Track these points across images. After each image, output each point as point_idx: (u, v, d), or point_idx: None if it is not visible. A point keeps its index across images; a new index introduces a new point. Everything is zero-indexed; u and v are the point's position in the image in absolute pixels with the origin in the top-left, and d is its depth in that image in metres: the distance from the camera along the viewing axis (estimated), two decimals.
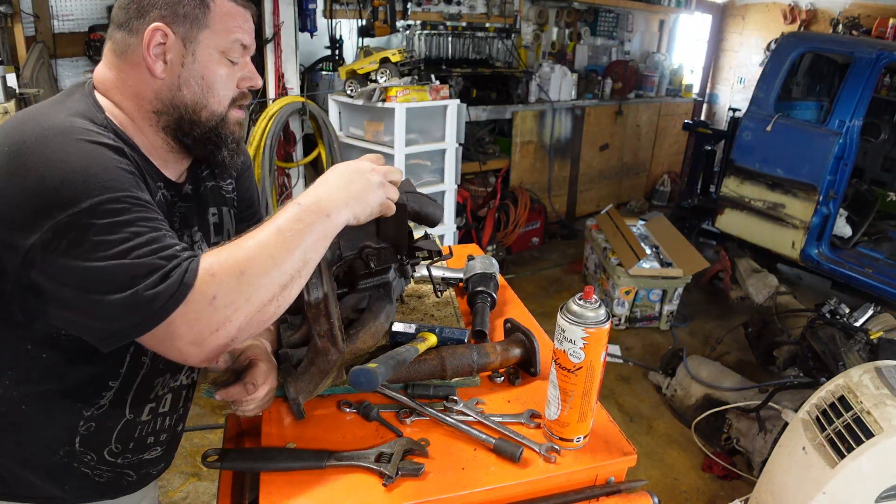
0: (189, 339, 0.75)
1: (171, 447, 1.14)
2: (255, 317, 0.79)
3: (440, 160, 3.75)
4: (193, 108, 0.92)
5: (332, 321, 0.93)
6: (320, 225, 0.84)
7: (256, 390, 0.92)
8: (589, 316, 0.84)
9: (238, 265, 0.77)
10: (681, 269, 3.77)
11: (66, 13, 3.15)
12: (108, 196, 0.75)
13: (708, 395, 2.88)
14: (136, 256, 0.74)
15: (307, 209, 0.84)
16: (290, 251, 0.81)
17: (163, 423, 1.06)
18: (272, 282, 0.79)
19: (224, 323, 0.76)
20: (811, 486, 1.67)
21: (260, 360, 0.95)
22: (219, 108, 0.94)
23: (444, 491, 0.83)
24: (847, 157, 3.70)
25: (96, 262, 0.72)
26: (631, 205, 6.44)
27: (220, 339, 0.76)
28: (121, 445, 1.01)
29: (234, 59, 0.94)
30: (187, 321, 0.74)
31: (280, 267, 0.80)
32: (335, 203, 0.87)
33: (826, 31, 5.90)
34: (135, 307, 0.72)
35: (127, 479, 1.06)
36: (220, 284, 0.76)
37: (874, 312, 2.83)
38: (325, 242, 0.86)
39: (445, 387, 1.03)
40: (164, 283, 0.73)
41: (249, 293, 0.77)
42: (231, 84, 0.95)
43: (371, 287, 1.10)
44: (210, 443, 2.60)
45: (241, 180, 1.17)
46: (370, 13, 3.97)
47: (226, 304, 0.76)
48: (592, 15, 6.10)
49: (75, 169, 0.76)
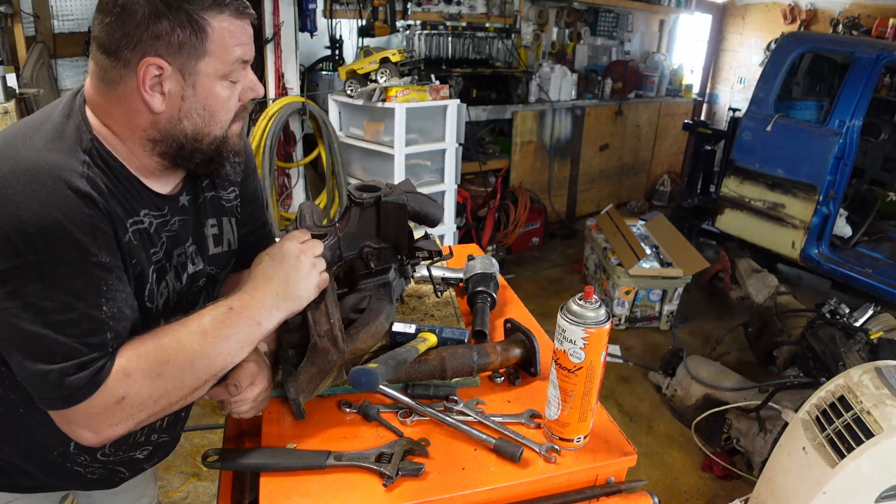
0: (86, 427, 0.78)
1: (166, 446, 1.13)
2: (159, 413, 0.81)
3: (440, 160, 3.75)
4: (195, 138, 0.87)
5: (332, 321, 0.93)
6: (248, 332, 0.85)
7: (241, 392, 0.91)
8: (589, 316, 0.84)
9: (155, 367, 0.78)
10: (681, 269, 3.77)
11: (66, 13, 3.15)
12: (55, 257, 0.74)
13: (708, 395, 2.88)
14: (62, 333, 0.75)
15: (237, 314, 0.84)
16: (211, 357, 0.82)
17: (155, 426, 1.05)
18: (185, 386, 0.81)
19: (126, 420, 0.78)
20: (811, 486, 1.67)
21: (247, 361, 0.93)
22: (220, 133, 0.90)
23: (445, 491, 0.83)
24: (847, 157, 3.69)
25: (24, 324, 0.74)
26: (631, 205, 6.44)
27: (117, 431, 0.79)
28: (114, 447, 1.01)
29: (235, 80, 0.88)
30: (89, 414, 0.76)
31: (196, 371, 0.81)
32: (266, 308, 0.87)
33: (826, 31, 5.90)
34: (44, 383, 0.75)
35: (119, 476, 1.08)
36: (131, 385, 0.77)
37: (874, 312, 2.83)
38: (251, 346, 0.87)
39: (445, 387, 1.03)
40: (77, 373, 0.74)
41: (159, 396, 0.79)
42: (233, 104, 0.90)
43: (371, 287, 1.10)
44: (210, 443, 2.60)
45: (245, 184, 1.13)
46: (370, 13, 3.97)
47: (133, 404, 0.78)
48: (592, 15, 6.10)
49: (29, 220, 0.72)
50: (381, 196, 1.07)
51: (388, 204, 1.07)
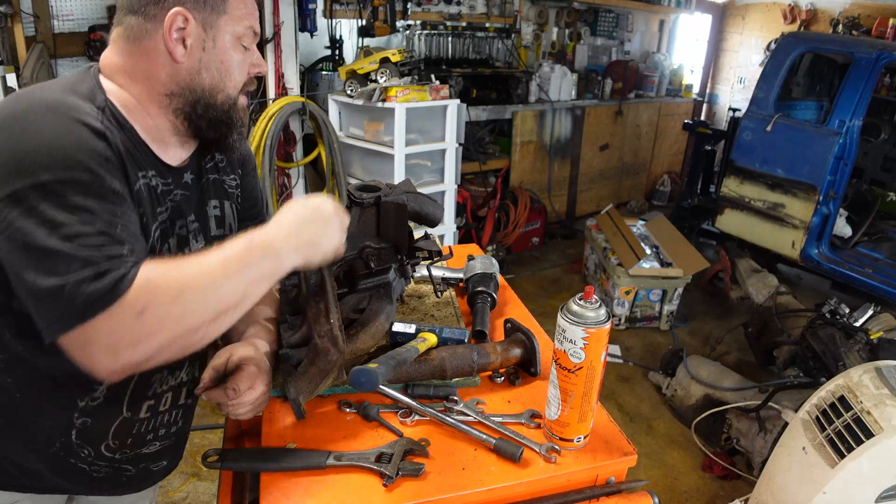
0: (104, 346, 0.72)
1: (174, 445, 1.13)
2: (179, 340, 0.76)
3: (440, 160, 3.75)
4: (211, 92, 0.93)
5: (333, 321, 0.93)
6: (266, 265, 0.83)
7: (239, 395, 0.90)
8: (589, 316, 0.84)
9: (178, 282, 0.76)
10: (681, 269, 3.77)
11: (66, 13, 3.15)
12: (70, 175, 0.74)
13: (708, 395, 2.88)
14: (80, 245, 0.72)
15: (257, 246, 0.83)
16: (231, 284, 0.79)
17: (163, 420, 1.05)
18: (206, 308, 0.77)
19: (145, 338, 0.73)
20: (811, 486, 1.67)
21: (246, 365, 0.93)
22: (234, 92, 0.96)
23: (445, 491, 0.83)
24: (847, 157, 3.69)
25: (38, 240, 0.71)
26: (631, 205, 6.44)
27: (135, 354, 0.73)
28: (118, 441, 1.00)
29: (247, 46, 0.96)
30: (108, 330, 0.71)
31: (217, 295, 0.78)
32: (287, 247, 0.85)
33: (826, 31, 5.90)
34: (59, 298, 0.70)
35: (126, 474, 1.06)
36: (153, 297, 0.73)
37: (874, 312, 2.83)
38: (269, 282, 0.85)
39: (445, 387, 1.03)
40: (95, 282, 0.71)
41: (181, 313, 0.75)
42: (244, 69, 0.97)
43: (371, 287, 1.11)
44: (210, 443, 2.60)
45: (245, 179, 1.16)
46: (370, 13, 3.97)
47: (154, 319, 0.73)
48: (592, 15, 6.10)
49: (45, 142, 0.75)
50: (381, 196, 1.07)
51: (388, 204, 1.07)
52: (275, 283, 0.86)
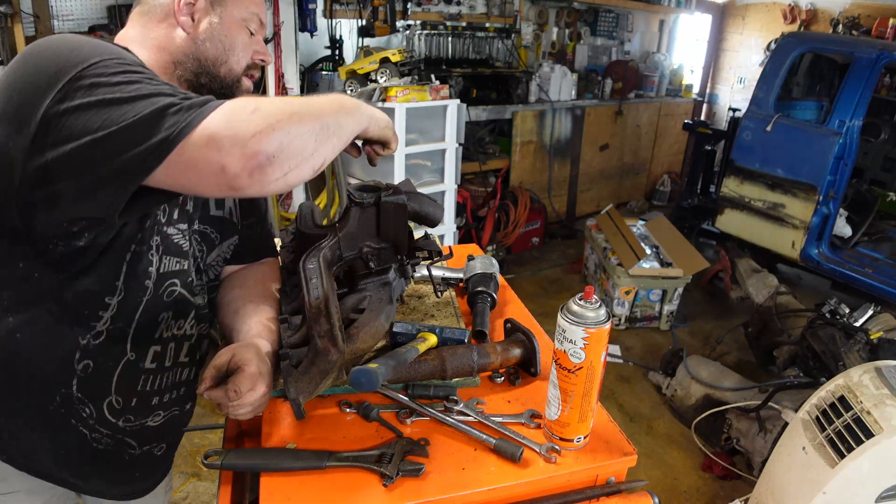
0: (229, 138, 0.71)
1: (174, 424, 1.10)
2: (295, 143, 0.76)
3: (440, 160, 3.75)
4: (214, 63, 0.99)
5: (333, 321, 0.92)
6: (353, 111, 0.89)
7: (240, 397, 0.89)
8: (589, 316, 0.84)
9: (279, 98, 0.85)
10: (681, 269, 3.77)
11: (66, 13, 3.15)
12: (118, 58, 0.79)
13: (708, 395, 2.88)
14: (158, 88, 0.76)
15: (338, 96, 0.89)
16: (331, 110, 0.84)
17: (167, 381, 1.04)
18: (311, 120, 0.79)
19: (266, 129, 0.73)
20: (811, 486, 1.67)
21: (247, 366, 0.92)
22: (236, 68, 1.02)
23: (445, 491, 0.83)
24: (847, 157, 3.69)
25: (105, 95, 0.73)
26: (631, 205, 6.44)
27: (261, 144, 0.72)
28: (122, 399, 0.98)
29: (252, 30, 1.03)
30: (228, 120, 0.72)
31: (321, 113, 0.82)
32: (359, 104, 0.92)
33: (826, 31, 5.90)
34: (166, 110, 0.72)
35: (129, 450, 1.03)
36: (261, 102, 0.76)
37: (874, 312, 2.83)
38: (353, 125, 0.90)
39: (445, 387, 1.02)
40: (187, 99, 0.74)
41: (290, 116, 0.76)
42: (248, 52, 1.03)
43: (371, 287, 1.10)
44: (210, 443, 2.60)
45: None
46: (370, 13, 3.97)
47: (268, 114, 0.74)
48: (592, 15, 6.10)
49: (84, 43, 0.81)
50: (381, 196, 1.07)
51: (388, 204, 1.07)
52: (357, 129, 0.91)
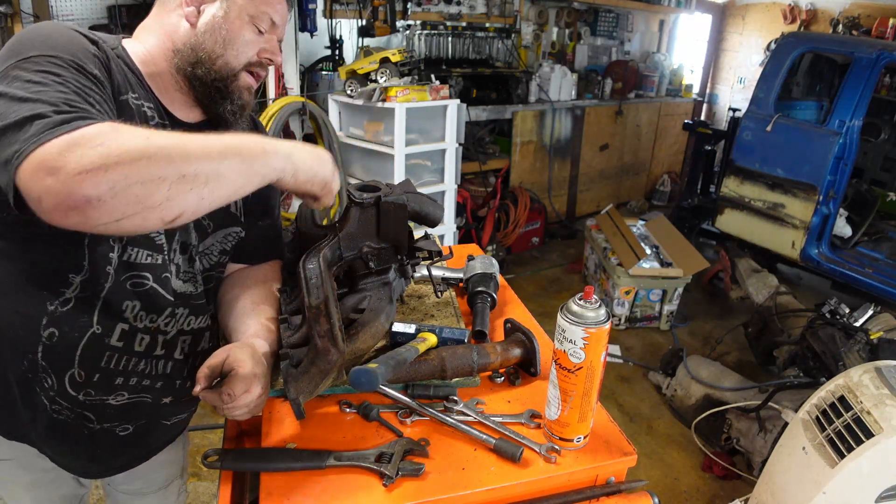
0: (53, 170, 0.67)
1: (143, 410, 1.06)
2: (134, 190, 0.69)
3: (440, 160, 3.75)
4: (210, 56, 0.99)
5: (333, 321, 0.92)
6: (250, 150, 0.82)
7: (234, 400, 0.88)
8: (589, 316, 0.84)
9: (146, 135, 0.73)
10: (681, 269, 3.77)
11: (66, 13, 3.15)
12: (53, 54, 0.81)
13: (708, 395, 2.88)
14: (49, 96, 0.76)
15: (248, 137, 0.86)
16: (206, 154, 0.76)
17: (138, 366, 1.01)
18: (169, 165, 0.72)
19: (97, 169, 0.67)
20: (811, 486, 1.67)
21: (241, 368, 0.90)
22: (233, 62, 1.00)
23: (444, 491, 0.83)
24: (847, 157, 3.69)
25: (12, 92, 0.75)
26: (631, 205, 6.44)
27: (83, 184, 0.67)
28: (84, 373, 0.97)
29: (261, 28, 1.01)
30: (63, 149, 0.68)
31: (188, 158, 0.73)
32: (278, 146, 0.86)
33: (826, 31, 5.90)
34: (32, 121, 0.72)
35: (88, 424, 1.02)
36: (118, 136, 0.71)
37: (874, 312, 2.83)
38: (247, 176, 0.81)
39: (445, 387, 1.02)
40: (62, 115, 0.73)
41: (137, 159, 0.69)
42: (251, 49, 1.01)
43: (371, 287, 1.10)
44: (210, 443, 2.60)
45: None
46: (370, 13, 3.97)
47: (110, 152, 0.68)
48: (592, 15, 6.10)
49: (42, 34, 0.85)
50: (381, 196, 1.07)
51: (388, 204, 1.07)
52: (254, 180, 0.82)
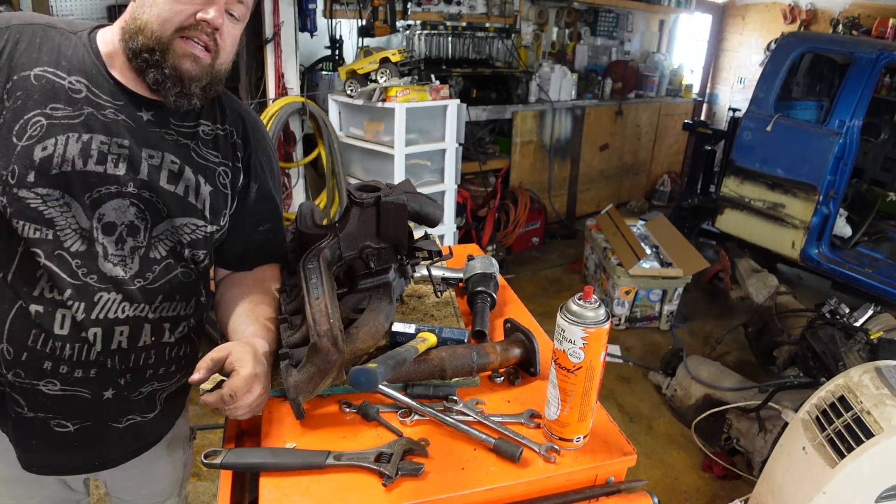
0: None
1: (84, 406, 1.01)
2: None
3: (440, 160, 3.75)
4: (142, 26, 0.96)
5: (332, 321, 0.92)
6: None
7: (236, 401, 0.89)
8: (588, 316, 0.84)
9: None
10: (681, 269, 3.77)
11: (66, 13, 3.15)
12: None
13: (708, 395, 2.88)
14: None
15: None
16: None
17: (63, 351, 0.96)
18: None
19: None
20: (811, 486, 1.67)
21: (242, 368, 0.90)
22: (158, 30, 0.95)
23: (444, 491, 0.83)
24: (847, 157, 3.69)
25: None
26: (631, 205, 6.44)
27: None
28: (12, 350, 0.95)
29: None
30: None
31: None
32: None
33: (826, 31, 5.90)
34: None
35: (17, 408, 1.00)
36: None
37: (874, 312, 2.83)
38: None
39: (445, 387, 1.03)
40: None
41: None
42: (178, 11, 0.95)
43: (371, 287, 1.10)
44: (210, 443, 2.60)
45: (249, 158, 1.12)
46: (370, 13, 3.97)
47: None
48: (592, 15, 6.10)
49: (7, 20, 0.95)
50: (381, 196, 1.07)
51: (388, 204, 1.07)
52: None
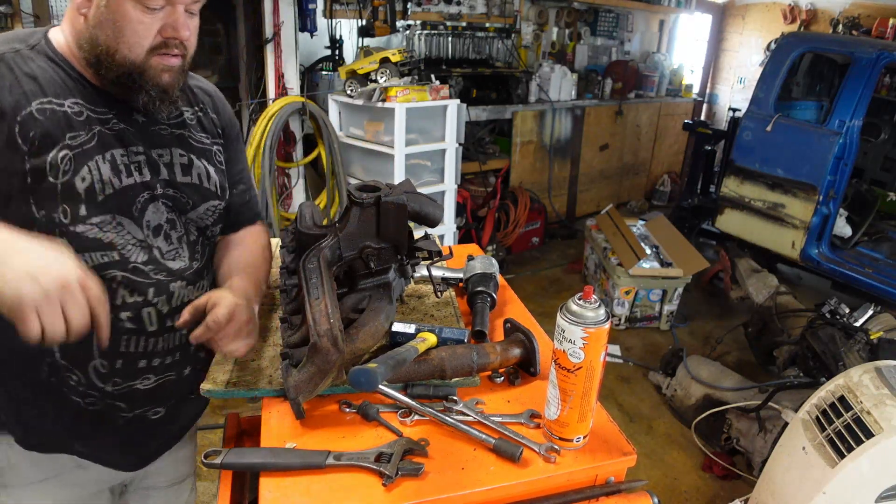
0: None
1: (170, 388, 1.10)
2: None
3: (440, 160, 3.75)
4: (107, 51, 0.94)
5: (332, 321, 0.92)
6: None
7: (221, 326, 0.94)
8: (588, 316, 0.84)
9: None
10: (681, 269, 3.77)
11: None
12: None
13: (708, 395, 2.88)
14: None
15: None
16: None
17: (156, 345, 1.05)
18: None
19: None
20: (811, 486, 1.67)
21: (222, 300, 0.98)
22: (131, 55, 0.94)
23: (444, 491, 0.83)
24: (847, 157, 3.69)
25: None
26: (631, 205, 6.44)
27: None
28: (107, 363, 0.99)
29: (151, 6, 0.92)
30: None
31: None
32: None
33: (826, 31, 5.90)
34: None
35: (122, 414, 1.04)
36: None
37: (874, 312, 2.83)
38: None
39: (445, 387, 1.02)
40: None
41: None
42: (147, 32, 0.93)
43: (371, 287, 1.10)
44: (210, 443, 2.60)
45: (228, 144, 1.21)
46: (370, 13, 3.97)
47: None
48: (592, 15, 6.10)
49: None
50: (381, 196, 1.07)
51: (388, 204, 1.07)
52: None
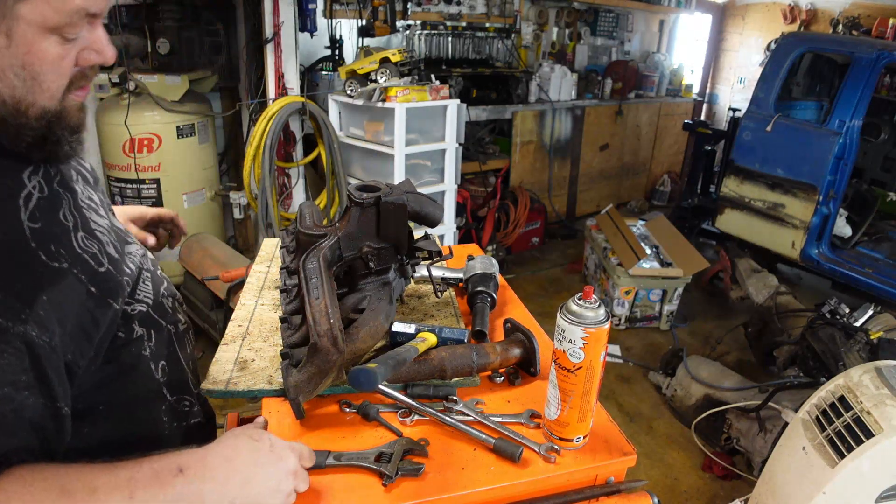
0: None
1: None
2: None
3: (440, 160, 3.75)
4: (16, 108, 0.68)
5: (332, 321, 0.92)
6: None
7: None
8: (588, 316, 0.84)
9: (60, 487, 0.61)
10: (681, 269, 3.77)
11: None
12: None
13: (708, 395, 2.88)
14: None
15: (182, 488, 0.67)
16: None
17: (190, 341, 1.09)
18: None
19: None
20: (811, 486, 1.67)
21: None
22: (51, 103, 0.71)
23: (444, 491, 0.83)
24: (847, 157, 3.69)
25: None
26: (631, 205, 6.44)
27: None
28: (191, 373, 1.03)
29: (70, 36, 0.68)
30: None
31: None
32: (217, 499, 0.70)
33: (826, 31, 5.90)
34: None
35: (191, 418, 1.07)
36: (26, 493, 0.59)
37: (874, 312, 2.83)
38: None
39: (445, 387, 1.02)
40: None
41: None
42: (66, 65, 0.70)
43: (371, 287, 1.10)
44: None
45: None
46: (370, 13, 3.97)
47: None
48: (592, 15, 6.10)
49: None
50: (381, 196, 1.07)
51: (388, 204, 1.07)
52: None
